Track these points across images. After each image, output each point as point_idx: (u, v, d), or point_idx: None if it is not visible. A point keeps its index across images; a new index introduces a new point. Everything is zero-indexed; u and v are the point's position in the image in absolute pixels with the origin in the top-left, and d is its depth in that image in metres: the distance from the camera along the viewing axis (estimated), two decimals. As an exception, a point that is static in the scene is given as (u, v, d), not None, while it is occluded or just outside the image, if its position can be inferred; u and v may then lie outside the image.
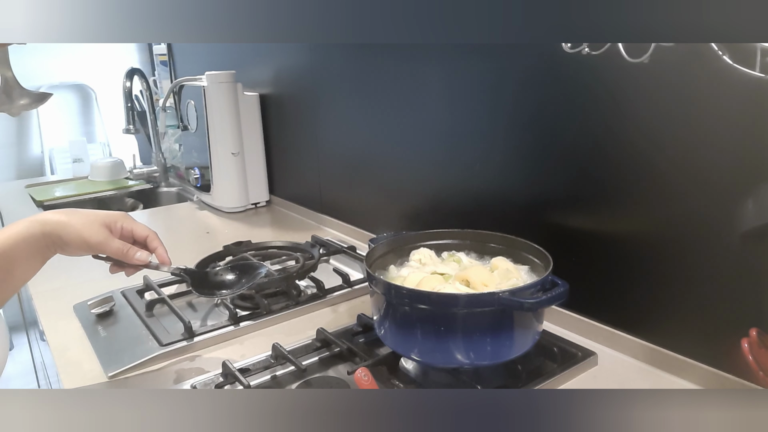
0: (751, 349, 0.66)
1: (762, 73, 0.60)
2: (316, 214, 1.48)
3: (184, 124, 1.67)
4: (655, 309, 0.76)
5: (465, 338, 0.70)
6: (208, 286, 0.82)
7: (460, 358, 0.70)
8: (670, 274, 0.73)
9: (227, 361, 0.78)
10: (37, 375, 2.16)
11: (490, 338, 0.70)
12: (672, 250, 0.73)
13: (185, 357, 0.85)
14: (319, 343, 0.85)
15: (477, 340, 0.70)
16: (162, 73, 2.28)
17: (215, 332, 0.89)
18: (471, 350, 0.70)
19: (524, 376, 0.75)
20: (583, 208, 0.82)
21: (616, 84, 0.74)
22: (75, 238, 0.69)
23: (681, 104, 0.68)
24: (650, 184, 0.73)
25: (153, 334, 0.89)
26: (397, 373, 0.78)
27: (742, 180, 0.64)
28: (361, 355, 0.79)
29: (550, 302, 0.67)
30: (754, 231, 0.64)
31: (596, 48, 0.74)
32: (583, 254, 0.83)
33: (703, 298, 0.71)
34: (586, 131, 0.79)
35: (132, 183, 1.98)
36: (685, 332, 0.73)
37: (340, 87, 1.29)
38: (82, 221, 0.70)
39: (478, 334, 0.69)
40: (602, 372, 0.77)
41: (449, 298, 0.69)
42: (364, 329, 0.88)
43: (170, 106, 1.80)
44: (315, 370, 0.79)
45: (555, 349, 0.80)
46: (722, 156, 0.66)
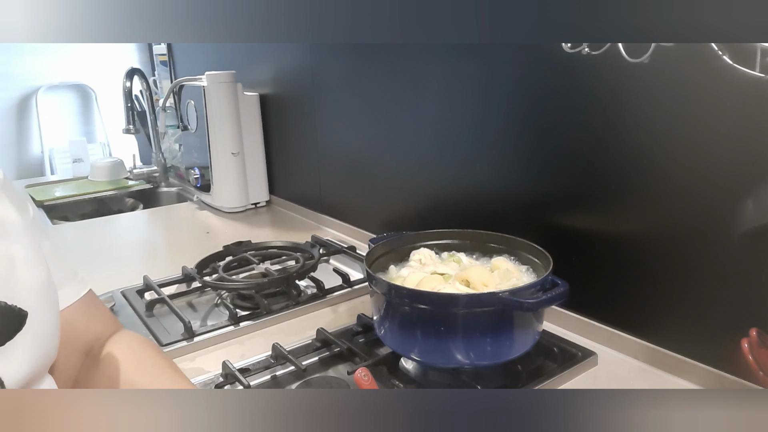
0: (751, 349, 0.66)
1: (762, 73, 0.60)
2: (316, 214, 1.48)
3: (184, 124, 1.67)
4: (655, 309, 0.76)
5: (465, 338, 0.70)
6: None
7: (460, 358, 0.70)
8: (670, 274, 0.73)
9: (227, 361, 0.78)
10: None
11: (490, 338, 0.70)
12: (672, 250, 0.73)
13: (185, 357, 0.85)
14: (319, 343, 0.85)
15: (477, 340, 0.70)
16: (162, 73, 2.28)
17: (215, 332, 0.89)
18: (471, 350, 0.70)
19: (524, 376, 0.75)
20: (584, 208, 0.82)
21: (616, 84, 0.74)
22: None
23: (681, 104, 0.68)
24: (650, 184, 0.73)
25: (153, 334, 0.89)
26: (397, 373, 0.78)
27: (742, 180, 0.64)
28: (361, 355, 0.79)
29: (550, 302, 0.67)
30: (755, 231, 0.64)
31: (596, 48, 0.74)
32: (583, 254, 0.83)
33: (703, 298, 0.71)
34: (586, 131, 0.79)
35: (132, 183, 1.98)
36: (685, 332, 0.73)
37: (340, 87, 1.29)
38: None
39: (478, 334, 0.69)
40: (602, 372, 0.77)
41: (449, 298, 0.69)
42: (364, 329, 0.88)
43: (170, 106, 1.80)
44: (315, 370, 0.79)
45: (555, 349, 0.80)
46: (722, 156, 0.66)
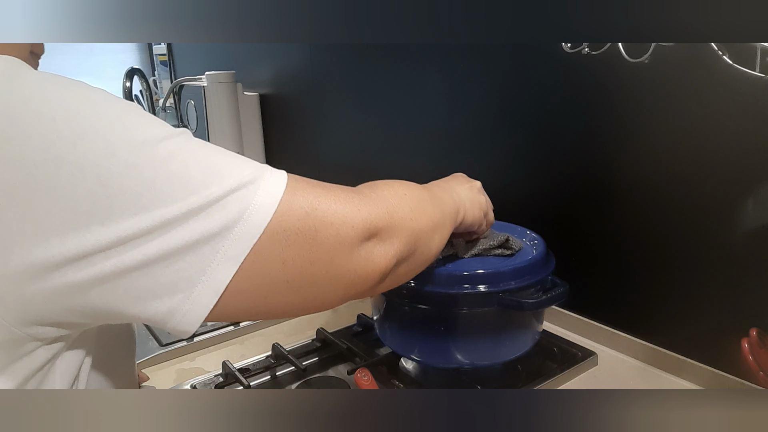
0: (751, 349, 0.66)
1: (762, 73, 0.60)
2: (316, 214, 1.48)
3: (184, 124, 1.67)
4: (655, 309, 0.76)
5: (465, 338, 0.70)
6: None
7: (460, 358, 0.70)
8: (670, 275, 0.73)
9: (227, 361, 0.78)
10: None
11: (490, 338, 0.70)
12: (672, 250, 0.73)
13: (185, 357, 0.85)
14: (319, 343, 0.85)
15: (477, 340, 0.70)
16: (162, 73, 2.28)
17: (215, 332, 0.89)
18: (471, 350, 0.70)
19: (524, 376, 0.75)
20: (584, 209, 0.82)
21: (616, 84, 0.74)
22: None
23: (681, 104, 0.68)
24: (650, 184, 0.73)
25: (153, 334, 0.89)
26: (397, 373, 0.78)
27: (742, 180, 0.64)
28: (361, 355, 0.79)
29: (550, 302, 0.67)
30: (755, 231, 0.64)
31: (596, 48, 0.74)
32: (583, 254, 0.83)
33: (703, 298, 0.71)
34: (586, 131, 0.79)
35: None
36: (685, 332, 0.73)
37: (340, 87, 1.29)
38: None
39: (478, 334, 0.69)
40: (602, 372, 0.77)
41: (449, 298, 0.69)
42: (364, 329, 0.88)
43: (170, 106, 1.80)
44: (315, 370, 0.79)
45: (555, 349, 0.80)
46: (722, 156, 0.66)
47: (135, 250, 0.34)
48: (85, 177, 0.33)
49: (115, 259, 0.34)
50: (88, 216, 0.33)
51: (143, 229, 0.34)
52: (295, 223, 0.39)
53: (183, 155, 0.36)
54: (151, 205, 0.34)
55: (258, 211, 0.37)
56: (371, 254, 0.43)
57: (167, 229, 0.35)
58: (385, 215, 0.45)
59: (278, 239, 0.38)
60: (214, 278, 0.36)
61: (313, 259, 0.40)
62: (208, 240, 0.36)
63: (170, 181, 0.35)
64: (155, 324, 0.38)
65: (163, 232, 0.35)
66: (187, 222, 0.35)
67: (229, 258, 0.36)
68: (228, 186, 0.37)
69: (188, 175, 0.36)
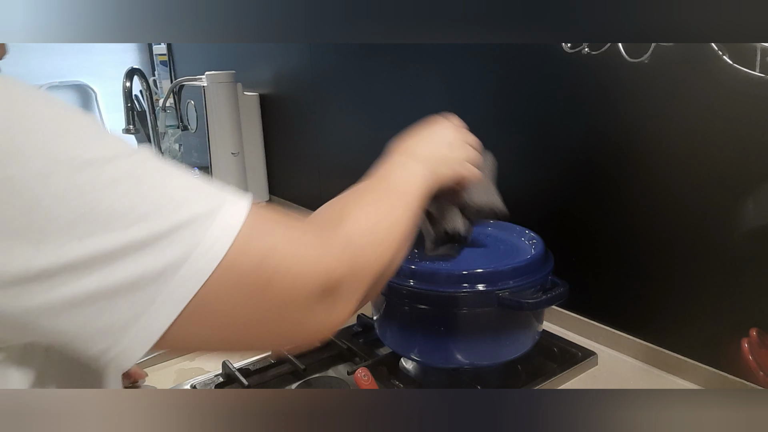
0: (751, 349, 0.66)
1: (762, 73, 0.60)
2: (316, 214, 1.48)
3: (184, 124, 1.67)
4: (655, 309, 0.76)
5: (465, 338, 0.70)
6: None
7: (460, 358, 0.70)
8: (670, 275, 0.73)
9: (227, 361, 0.78)
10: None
11: (490, 338, 0.70)
12: (672, 249, 0.72)
13: (185, 357, 0.85)
14: (319, 343, 0.85)
15: (477, 340, 0.70)
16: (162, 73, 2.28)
17: (215, 332, 0.89)
18: (471, 350, 0.70)
19: (524, 376, 0.75)
20: (584, 209, 0.82)
21: (616, 84, 0.74)
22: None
23: (681, 104, 0.68)
24: (650, 184, 0.73)
25: (153, 334, 0.89)
26: (397, 373, 0.78)
27: (742, 180, 0.64)
28: (361, 355, 0.79)
29: (550, 302, 0.67)
30: (754, 231, 0.64)
31: (596, 48, 0.74)
32: (583, 254, 0.83)
33: (703, 298, 0.71)
34: (586, 131, 0.79)
35: (132, 183, 1.98)
36: (685, 332, 0.73)
37: (340, 87, 1.29)
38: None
39: (478, 334, 0.69)
40: (602, 372, 0.77)
41: (449, 298, 0.69)
42: (364, 329, 0.88)
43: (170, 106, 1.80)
44: (315, 370, 0.79)
45: (555, 349, 0.80)
46: (722, 156, 0.66)
47: (63, 286, 0.30)
48: (18, 196, 0.29)
49: (42, 294, 0.30)
50: (18, 237, 0.29)
51: (74, 259, 0.30)
52: (248, 268, 0.34)
53: (133, 179, 0.32)
54: (84, 234, 0.30)
55: (210, 249, 0.33)
56: (327, 313, 0.38)
57: (102, 263, 0.31)
58: (348, 262, 0.40)
59: (227, 283, 0.34)
60: (149, 328, 0.32)
61: (262, 315, 0.36)
62: (149, 282, 0.32)
63: (112, 208, 0.31)
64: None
65: (99, 266, 0.31)
66: (126, 257, 0.31)
67: (169, 303, 0.32)
68: (179, 218, 0.32)
69: (134, 202, 0.31)
